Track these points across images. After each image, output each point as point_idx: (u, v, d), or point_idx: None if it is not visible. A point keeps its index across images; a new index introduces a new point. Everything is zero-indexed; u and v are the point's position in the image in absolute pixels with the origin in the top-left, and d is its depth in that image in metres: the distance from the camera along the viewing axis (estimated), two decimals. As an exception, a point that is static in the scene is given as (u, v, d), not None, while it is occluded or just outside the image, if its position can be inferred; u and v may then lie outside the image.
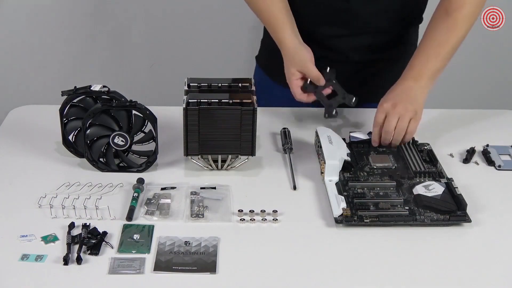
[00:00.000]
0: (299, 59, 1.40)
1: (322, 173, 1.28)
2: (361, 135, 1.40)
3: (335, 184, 1.25)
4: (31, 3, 2.45)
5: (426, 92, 1.38)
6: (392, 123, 1.34)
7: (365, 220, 1.16)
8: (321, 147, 1.30)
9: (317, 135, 1.36)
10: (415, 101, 1.36)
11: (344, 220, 1.16)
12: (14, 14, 2.47)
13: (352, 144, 1.38)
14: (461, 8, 1.39)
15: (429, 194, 1.21)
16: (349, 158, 1.29)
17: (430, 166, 1.32)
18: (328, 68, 1.42)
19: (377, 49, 1.52)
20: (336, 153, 1.28)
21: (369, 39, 1.50)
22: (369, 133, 1.40)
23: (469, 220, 1.17)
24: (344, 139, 1.37)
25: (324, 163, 1.26)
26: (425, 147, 1.39)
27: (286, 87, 1.47)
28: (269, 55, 1.57)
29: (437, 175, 1.29)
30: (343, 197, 1.20)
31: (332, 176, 1.26)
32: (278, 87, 1.56)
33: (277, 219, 1.18)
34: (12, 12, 2.47)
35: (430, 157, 1.35)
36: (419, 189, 1.23)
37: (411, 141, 1.39)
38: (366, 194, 1.23)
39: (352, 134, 1.41)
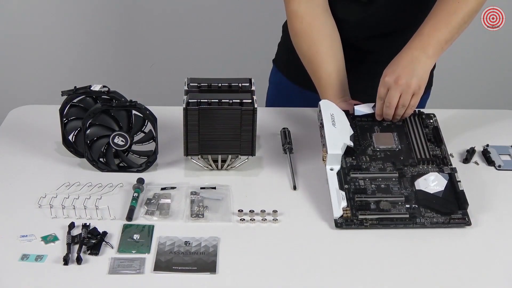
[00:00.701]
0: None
1: (323, 160, 1.26)
2: (365, 109, 1.36)
3: (337, 173, 1.23)
4: (31, 3, 2.45)
5: (432, 63, 1.32)
6: (394, 99, 1.29)
7: (365, 224, 1.16)
8: (323, 127, 1.27)
9: (320, 110, 1.31)
10: (419, 74, 1.29)
11: (344, 224, 1.16)
12: (14, 14, 2.47)
13: (356, 118, 1.35)
14: None
15: (431, 191, 1.21)
16: (352, 144, 1.26)
17: (435, 147, 1.30)
18: None
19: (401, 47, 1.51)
20: (339, 140, 1.25)
21: (395, 38, 1.47)
22: (374, 106, 1.36)
23: (469, 223, 1.17)
24: (347, 112, 1.34)
25: (326, 152, 1.24)
26: (431, 121, 1.36)
27: (306, 89, 1.47)
28: (289, 58, 1.56)
29: (441, 161, 1.27)
30: (343, 194, 1.19)
31: (333, 164, 1.25)
32: (298, 89, 1.57)
33: (277, 219, 1.18)
34: (12, 12, 2.47)
35: (435, 136, 1.32)
36: (421, 184, 1.22)
37: (416, 114, 1.36)
38: (367, 188, 1.22)
39: (356, 108, 1.36)
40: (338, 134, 1.26)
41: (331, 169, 1.24)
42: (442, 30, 1.31)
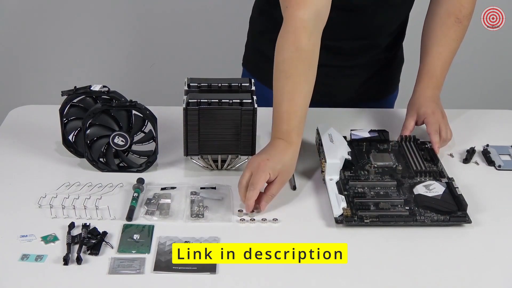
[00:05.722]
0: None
1: (322, 171, 1.28)
2: (362, 133, 1.41)
3: (336, 183, 1.24)
4: (31, 3, 2.45)
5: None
6: (449, 131, 1.41)
7: (365, 220, 1.16)
8: (321, 145, 1.30)
9: (318, 133, 1.36)
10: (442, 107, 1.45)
11: (344, 220, 1.16)
12: (14, 14, 2.48)
13: (353, 142, 1.38)
14: (470, 15, 1.42)
15: (430, 194, 1.21)
16: (350, 157, 1.29)
17: (431, 165, 1.33)
18: None
19: (381, 52, 1.55)
20: (337, 152, 1.28)
21: (379, 43, 1.53)
22: (370, 131, 1.41)
23: (469, 221, 1.17)
24: (345, 137, 1.37)
25: (325, 161, 1.26)
26: (426, 146, 1.39)
27: None
28: (259, 60, 1.55)
29: (438, 174, 1.29)
30: (343, 197, 1.19)
31: (332, 175, 1.26)
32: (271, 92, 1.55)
33: (277, 219, 1.18)
34: (12, 12, 2.47)
35: (431, 156, 1.35)
36: (419, 189, 1.23)
37: (412, 139, 1.40)
38: (366, 193, 1.23)
39: (353, 132, 1.41)
40: (336, 148, 1.29)
41: (330, 179, 1.25)
42: (447, 69, 1.46)
